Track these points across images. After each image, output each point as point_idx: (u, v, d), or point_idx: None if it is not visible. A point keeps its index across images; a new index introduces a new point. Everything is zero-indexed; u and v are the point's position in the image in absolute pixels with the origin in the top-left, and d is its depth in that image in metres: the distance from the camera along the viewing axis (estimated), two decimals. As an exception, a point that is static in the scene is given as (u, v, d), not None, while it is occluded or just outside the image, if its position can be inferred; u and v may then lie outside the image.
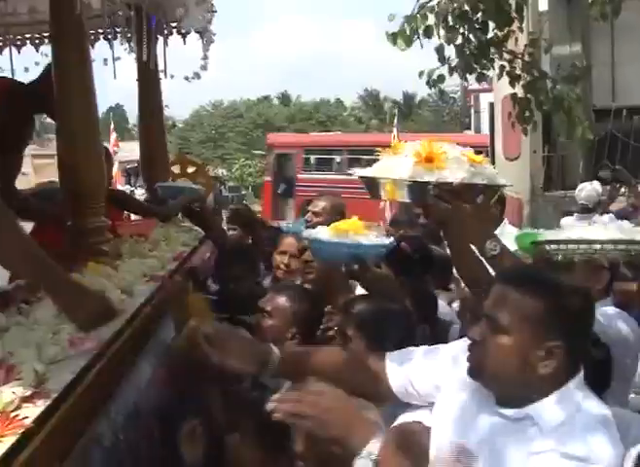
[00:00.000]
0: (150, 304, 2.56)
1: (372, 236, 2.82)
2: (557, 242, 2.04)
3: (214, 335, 2.04)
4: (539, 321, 1.60)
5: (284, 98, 60.97)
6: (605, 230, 1.98)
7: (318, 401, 1.63)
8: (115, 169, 14.43)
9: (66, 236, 2.91)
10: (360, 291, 3.14)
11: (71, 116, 2.89)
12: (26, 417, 1.38)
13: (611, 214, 6.81)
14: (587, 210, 6.87)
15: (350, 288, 3.18)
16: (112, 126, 16.31)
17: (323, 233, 2.84)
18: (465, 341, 1.80)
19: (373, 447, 1.56)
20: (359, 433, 1.60)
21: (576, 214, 6.99)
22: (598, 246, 1.94)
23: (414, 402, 1.99)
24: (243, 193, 42.64)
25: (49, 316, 1.96)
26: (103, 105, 41.54)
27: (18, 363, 1.60)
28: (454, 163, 2.02)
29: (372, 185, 2.16)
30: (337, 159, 20.10)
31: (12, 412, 1.40)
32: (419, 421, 1.86)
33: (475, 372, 1.71)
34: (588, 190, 6.99)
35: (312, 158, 20.62)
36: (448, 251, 2.47)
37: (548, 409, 1.61)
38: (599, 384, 2.04)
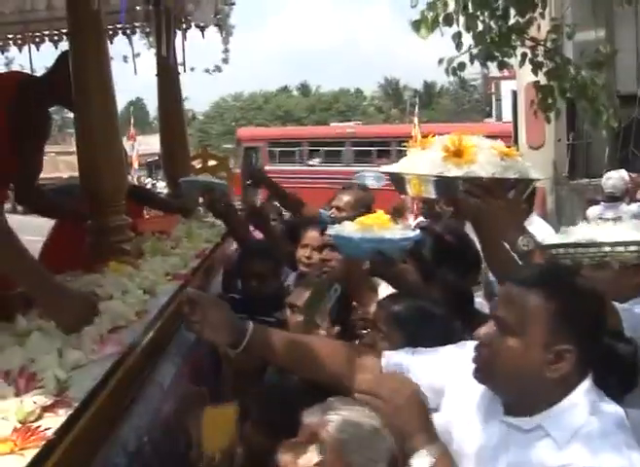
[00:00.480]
0: (173, 303, 2.53)
1: (397, 230, 2.77)
2: (566, 246, 1.93)
3: (197, 302, 1.98)
4: (549, 323, 1.53)
5: (304, 89, 60.93)
6: (616, 229, 1.86)
7: (392, 398, 1.65)
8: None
9: (87, 236, 2.88)
10: (385, 288, 3.10)
11: (90, 113, 2.85)
12: (48, 428, 1.34)
13: (639, 203, 6.71)
14: (614, 199, 6.76)
15: (373, 284, 3.13)
16: (132, 121, 16.27)
17: (347, 228, 2.80)
18: (469, 345, 1.74)
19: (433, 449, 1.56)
20: (419, 435, 1.60)
21: (602, 203, 6.88)
22: (608, 249, 1.83)
23: None
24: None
25: (70, 319, 1.93)
26: (124, 99, 41.75)
27: (39, 370, 1.57)
28: (485, 157, 1.96)
29: (397, 180, 2.11)
30: (299, 150, 20.99)
31: (33, 422, 1.37)
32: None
33: (481, 374, 1.64)
34: (616, 178, 6.87)
35: (277, 150, 21.45)
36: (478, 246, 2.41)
37: (559, 417, 1.55)
38: (627, 383, 1.98)
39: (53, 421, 1.40)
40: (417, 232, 2.88)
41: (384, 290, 3.09)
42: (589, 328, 1.56)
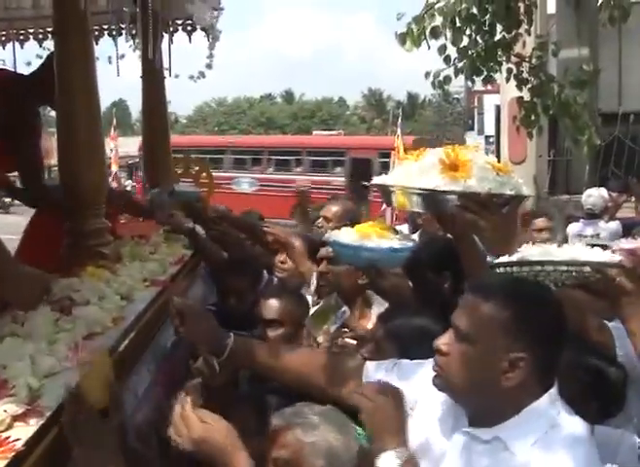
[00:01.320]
0: (150, 309, 2.49)
1: (395, 240, 2.76)
2: (505, 265, 1.88)
3: (186, 312, 2.06)
4: (503, 331, 1.53)
5: (287, 96, 60.96)
6: (565, 250, 1.83)
7: (375, 398, 1.75)
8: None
9: (65, 238, 2.84)
10: (380, 302, 3.08)
11: (72, 114, 2.81)
12: (18, 439, 1.30)
13: (617, 221, 6.75)
14: (594, 216, 6.80)
15: (367, 297, 3.12)
16: (114, 122, 16.16)
17: (345, 235, 2.80)
18: None
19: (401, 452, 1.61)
20: (390, 437, 1.68)
21: (582, 220, 6.92)
22: (538, 268, 1.79)
23: None
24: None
25: (45, 324, 1.89)
26: (106, 100, 41.55)
27: (11, 377, 1.53)
28: (480, 172, 1.95)
29: (385, 192, 2.09)
30: (223, 158, 21.35)
31: (3, 432, 1.33)
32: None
33: (439, 382, 1.64)
34: (596, 196, 6.91)
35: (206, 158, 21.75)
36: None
37: (517, 429, 1.54)
38: (611, 408, 1.96)
39: (24, 431, 1.36)
40: (415, 242, 2.85)
41: (378, 300, 3.08)
42: (544, 337, 1.55)
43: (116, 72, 4.65)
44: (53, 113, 3.31)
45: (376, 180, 2.16)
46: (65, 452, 1.47)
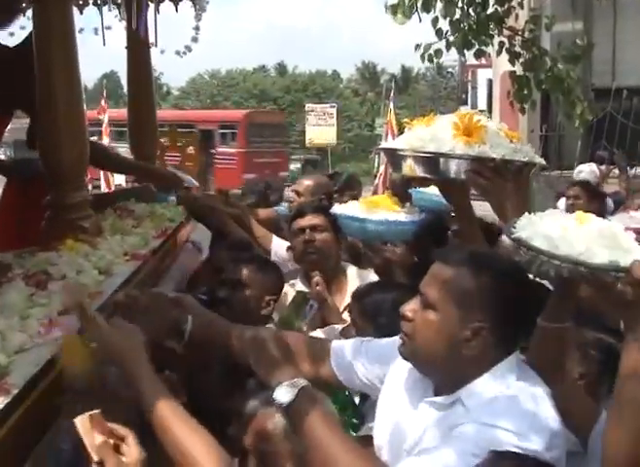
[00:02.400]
0: (130, 284, 2.46)
1: (402, 214, 2.75)
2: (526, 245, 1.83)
3: (129, 307, 1.98)
4: (466, 300, 1.56)
5: (281, 69, 60.55)
6: (580, 234, 1.73)
7: None
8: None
9: (45, 211, 2.81)
10: (354, 272, 3.08)
11: (52, 86, 2.76)
12: (-18, 418, 1.28)
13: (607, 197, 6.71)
14: (585, 192, 6.78)
15: (343, 268, 3.11)
16: (104, 93, 16.01)
17: (351, 208, 2.80)
18: None
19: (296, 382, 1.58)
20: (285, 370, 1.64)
21: (572, 195, 6.90)
22: (545, 258, 1.73)
23: (364, 390, 1.97)
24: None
25: (19, 299, 1.86)
26: (97, 72, 41.18)
27: (-20, 353, 1.50)
28: (494, 138, 1.96)
29: (393, 157, 2.11)
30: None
31: (-33, 410, 1.31)
32: None
33: (404, 349, 1.66)
34: (587, 172, 6.90)
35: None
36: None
37: (476, 389, 1.57)
38: None
39: (-11, 409, 1.34)
40: (423, 215, 2.83)
41: (353, 275, 3.07)
42: (507, 310, 1.57)
43: (104, 42, 4.60)
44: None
45: (385, 145, 2.17)
46: (32, 432, 1.45)
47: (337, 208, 2.88)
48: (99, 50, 4.31)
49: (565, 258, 1.48)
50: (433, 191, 2.77)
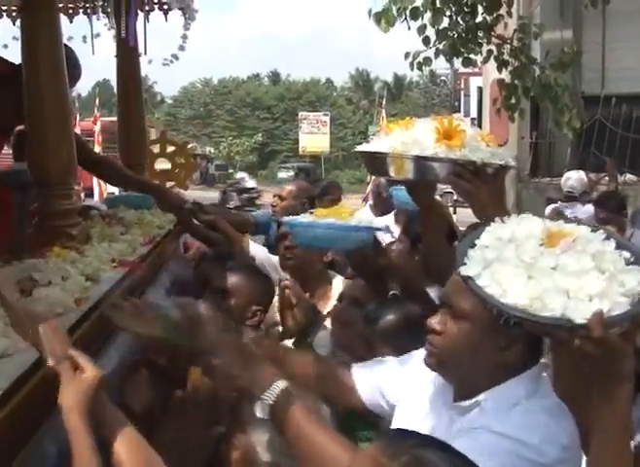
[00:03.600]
0: (116, 290, 2.47)
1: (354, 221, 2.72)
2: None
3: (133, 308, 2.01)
4: None
5: (274, 77, 60.62)
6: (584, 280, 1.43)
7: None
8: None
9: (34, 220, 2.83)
10: (340, 281, 3.08)
11: (40, 93, 2.78)
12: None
13: (589, 205, 6.70)
14: (573, 198, 6.83)
15: (328, 277, 3.12)
16: (97, 102, 16.02)
17: (303, 217, 2.77)
18: (414, 354, 1.83)
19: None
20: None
21: (560, 202, 6.95)
22: None
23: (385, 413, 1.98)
24: (230, 171, 42.53)
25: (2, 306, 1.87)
26: (91, 81, 41.16)
27: (-38, 359, 1.51)
28: (472, 142, 2.00)
29: (373, 160, 2.14)
30: None
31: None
32: None
33: (432, 361, 1.68)
34: (575, 179, 6.94)
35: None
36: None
37: (497, 394, 1.59)
38: None
39: (-29, 414, 1.35)
40: (382, 224, 2.81)
41: (339, 285, 3.07)
42: None
43: (97, 51, 4.63)
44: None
45: (363, 148, 2.20)
46: (16, 436, 1.46)
47: (288, 218, 2.82)
48: (93, 58, 4.34)
49: (512, 308, 1.38)
50: None
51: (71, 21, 4.66)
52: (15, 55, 3.40)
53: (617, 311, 1.34)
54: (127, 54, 4.39)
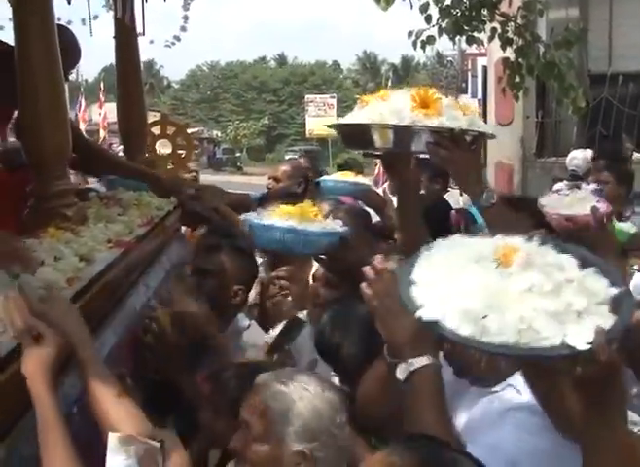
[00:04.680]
0: (111, 271, 2.46)
1: (317, 223, 2.61)
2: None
3: None
4: None
5: (281, 60, 60.42)
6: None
7: None
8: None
9: (28, 200, 2.82)
10: None
11: (33, 73, 2.76)
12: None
13: (594, 186, 6.61)
14: (577, 177, 6.76)
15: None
16: (102, 87, 16.00)
17: (262, 216, 2.70)
18: None
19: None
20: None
21: (565, 181, 6.89)
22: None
23: None
24: (237, 155, 42.51)
25: (-5, 285, 1.86)
26: (97, 66, 41.16)
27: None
28: (449, 110, 1.99)
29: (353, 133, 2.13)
30: None
31: None
32: None
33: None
34: (579, 158, 6.88)
35: None
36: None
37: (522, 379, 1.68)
38: None
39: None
40: (345, 227, 2.70)
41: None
42: None
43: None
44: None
45: (344, 120, 2.20)
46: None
47: (247, 215, 2.79)
48: (98, 44, 4.33)
49: (501, 347, 1.20)
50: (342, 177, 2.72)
51: (69, 2, 4.62)
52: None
53: (608, 326, 1.21)
54: (126, 34, 4.35)
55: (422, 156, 2.10)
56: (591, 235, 2.19)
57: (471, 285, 1.27)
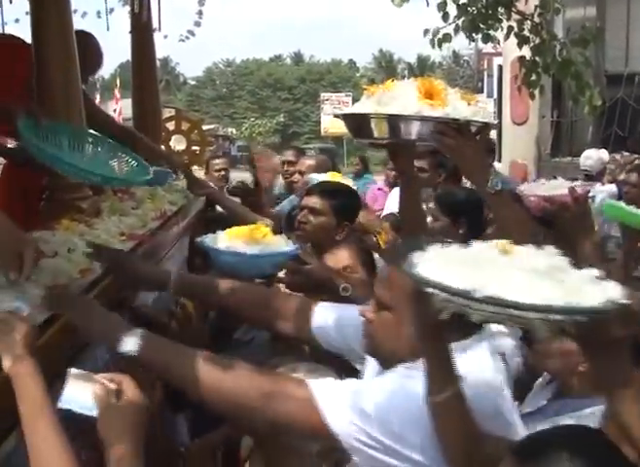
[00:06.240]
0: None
1: (261, 246, 2.69)
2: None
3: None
4: None
5: (297, 58, 60.43)
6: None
7: None
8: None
9: (43, 192, 2.84)
10: None
11: (48, 65, 2.79)
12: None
13: (610, 185, 6.52)
14: (590, 178, 6.72)
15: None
16: (118, 83, 16.07)
17: (216, 238, 2.78)
18: None
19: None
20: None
21: (580, 181, 6.84)
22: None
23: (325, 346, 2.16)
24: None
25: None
26: (113, 62, 41.25)
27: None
28: (454, 101, 1.99)
29: (359, 122, 2.13)
30: None
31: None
32: None
33: (367, 348, 1.84)
34: (594, 158, 6.83)
35: None
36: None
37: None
38: None
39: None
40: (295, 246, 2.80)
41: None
42: None
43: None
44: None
45: (349, 111, 2.26)
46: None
47: (204, 237, 2.85)
48: (115, 40, 4.34)
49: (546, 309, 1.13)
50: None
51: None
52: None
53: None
54: (142, 30, 4.38)
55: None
56: (570, 216, 2.18)
57: (484, 269, 1.24)
